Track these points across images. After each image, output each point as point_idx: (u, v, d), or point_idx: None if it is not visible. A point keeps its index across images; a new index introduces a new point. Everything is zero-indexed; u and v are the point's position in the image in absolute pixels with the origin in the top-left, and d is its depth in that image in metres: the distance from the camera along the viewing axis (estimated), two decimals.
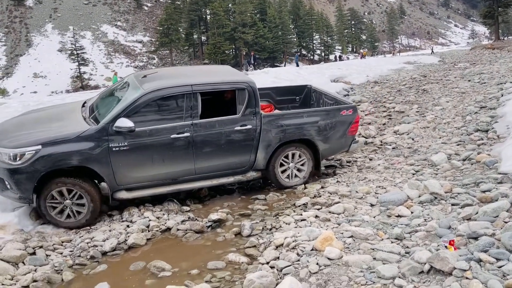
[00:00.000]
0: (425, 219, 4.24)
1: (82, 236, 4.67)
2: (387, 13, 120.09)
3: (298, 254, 3.80)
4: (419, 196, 4.87)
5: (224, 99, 6.25)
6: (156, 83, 5.26)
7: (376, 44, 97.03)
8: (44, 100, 13.74)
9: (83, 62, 61.10)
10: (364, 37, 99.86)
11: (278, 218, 4.92)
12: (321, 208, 5.03)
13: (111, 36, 73.39)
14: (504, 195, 4.25)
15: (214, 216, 4.94)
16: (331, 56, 78.45)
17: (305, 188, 5.89)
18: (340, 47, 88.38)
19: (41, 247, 4.35)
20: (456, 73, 16.90)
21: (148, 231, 4.73)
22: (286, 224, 4.65)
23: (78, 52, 61.17)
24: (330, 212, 4.82)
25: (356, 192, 5.41)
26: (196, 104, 5.29)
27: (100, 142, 4.85)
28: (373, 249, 3.70)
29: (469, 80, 13.78)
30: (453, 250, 3.30)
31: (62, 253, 4.36)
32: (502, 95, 9.57)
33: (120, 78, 7.08)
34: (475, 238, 3.45)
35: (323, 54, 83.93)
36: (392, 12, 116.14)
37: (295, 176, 6.07)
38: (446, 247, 3.39)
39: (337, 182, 6.08)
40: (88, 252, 4.33)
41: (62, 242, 4.56)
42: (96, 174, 4.94)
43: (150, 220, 4.92)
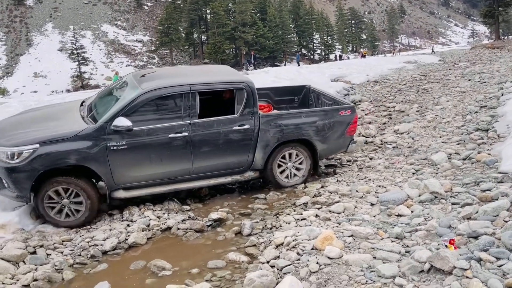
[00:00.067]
0: (425, 218, 4.24)
1: (83, 235, 4.67)
2: (387, 12, 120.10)
3: (298, 253, 3.80)
4: (419, 195, 4.87)
5: (223, 99, 6.25)
6: (154, 82, 5.25)
7: (376, 43, 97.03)
8: (44, 99, 13.74)
9: (83, 62, 61.15)
10: (364, 36, 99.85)
11: (278, 217, 4.92)
12: (321, 207, 5.03)
13: (111, 35, 73.42)
14: (504, 194, 4.25)
15: (215, 215, 4.94)
16: (331, 56, 78.50)
17: (305, 187, 5.89)
18: (340, 47, 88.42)
19: (41, 246, 4.35)
20: (456, 72, 16.88)
21: (149, 230, 4.74)
22: (286, 223, 4.65)
23: (78, 51, 61.22)
24: (330, 211, 4.82)
25: (356, 191, 5.41)
26: (194, 103, 5.28)
27: (98, 141, 4.84)
28: (373, 248, 3.71)
29: (469, 80, 13.77)
30: (453, 249, 3.30)
31: (62, 252, 4.36)
32: (503, 94, 9.56)
33: (121, 77, 7.07)
34: (475, 237, 3.45)
35: (323, 54, 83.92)
36: (392, 12, 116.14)
37: (294, 176, 6.07)
38: (446, 246, 3.40)
39: (337, 181, 6.08)
40: (89, 251, 4.33)
41: (63, 241, 4.56)
42: (94, 173, 4.93)
43: (150, 219, 4.92)
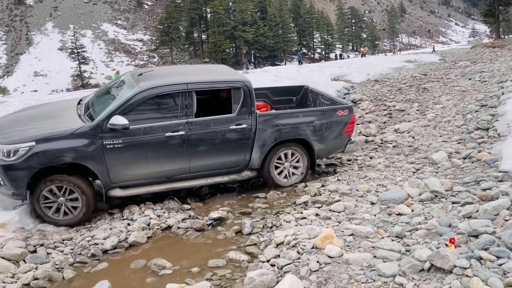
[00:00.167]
0: (425, 217, 4.24)
1: (83, 234, 4.68)
2: (388, 11, 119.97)
3: (298, 252, 3.80)
4: (420, 194, 4.87)
5: (220, 98, 6.24)
6: (151, 81, 5.25)
7: (376, 42, 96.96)
8: (44, 98, 13.76)
9: (83, 61, 61.14)
10: (364, 35, 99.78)
11: (278, 216, 4.92)
12: (321, 206, 5.03)
13: (111, 34, 73.39)
14: (505, 193, 4.25)
15: (215, 214, 4.94)
16: (332, 55, 78.49)
17: (305, 186, 5.88)
18: (340, 46, 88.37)
19: (42, 245, 4.35)
20: (456, 71, 16.87)
21: (149, 229, 4.74)
22: (287, 222, 4.65)
23: (78, 50, 61.20)
24: (330, 210, 4.82)
25: (357, 190, 5.41)
26: (192, 102, 5.27)
27: (95, 139, 4.84)
28: (373, 247, 3.71)
29: (469, 79, 13.76)
30: (453, 248, 3.30)
31: (63, 251, 4.36)
32: (503, 94, 9.56)
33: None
34: (476, 236, 3.45)
35: (323, 53, 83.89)
36: (392, 11, 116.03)
37: (293, 174, 6.06)
38: (446, 245, 3.40)
39: (337, 180, 6.08)
40: (89, 250, 4.34)
41: (63, 240, 4.56)
42: (91, 171, 4.92)
43: (150, 218, 4.92)
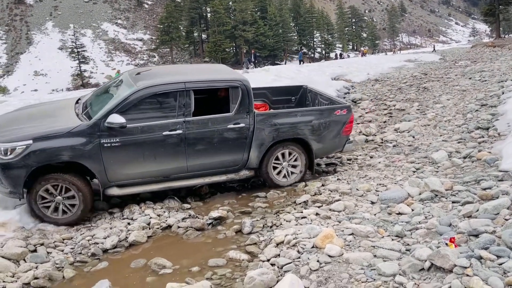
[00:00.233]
0: (425, 217, 4.24)
1: (83, 233, 4.68)
2: (388, 11, 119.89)
3: (298, 251, 3.80)
4: (420, 194, 4.87)
5: (218, 97, 6.24)
6: (149, 80, 5.25)
7: (376, 42, 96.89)
8: (44, 98, 13.75)
9: (83, 60, 61.10)
10: (364, 35, 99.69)
11: (278, 215, 4.92)
12: (321, 205, 5.03)
13: (111, 34, 73.35)
14: (505, 193, 4.25)
15: (215, 213, 4.94)
16: (332, 54, 78.46)
17: (305, 185, 5.88)
18: (340, 45, 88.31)
19: (42, 244, 4.35)
20: (457, 71, 16.87)
21: (149, 229, 4.74)
22: (287, 221, 4.65)
23: (78, 50, 61.15)
24: (330, 209, 4.82)
25: (357, 189, 5.41)
26: (189, 101, 5.27)
27: (92, 138, 4.83)
28: (373, 246, 3.71)
29: (470, 78, 13.77)
30: (453, 248, 3.30)
31: (63, 250, 4.36)
32: (503, 93, 9.56)
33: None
34: (476, 236, 3.46)
35: (323, 52, 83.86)
36: (392, 10, 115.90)
37: (292, 173, 6.05)
38: (446, 244, 3.40)
39: (337, 180, 6.08)
40: (89, 249, 4.34)
41: (63, 239, 4.56)
42: (88, 170, 4.92)
43: (151, 218, 4.92)
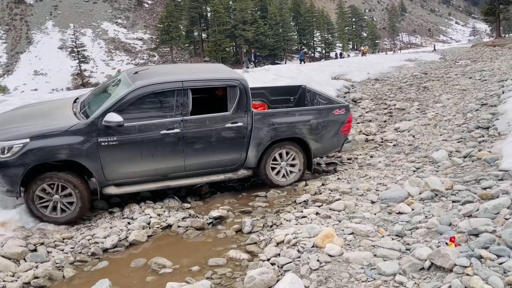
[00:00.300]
0: (425, 216, 4.24)
1: (83, 233, 4.68)
2: (388, 10, 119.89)
3: (298, 251, 3.80)
4: (420, 193, 4.87)
5: (216, 96, 6.24)
6: (146, 79, 5.26)
7: (377, 41, 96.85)
8: (44, 97, 13.75)
9: (83, 60, 61.12)
10: (365, 34, 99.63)
11: (278, 215, 4.92)
12: (321, 205, 5.02)
13: (111, 33, 73.36)
14: (505, 192, 4.25)
15: (215, 213, 4.94)
16: (332, 54, 78.43)
17: (305, 185, 5.88)
18: (340, 45, 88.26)
19: (42, 244, 4.35)
20: (457, 70, 16.87)
21: (149, 228, 4.74)
22: (287, 221, 4.64)
23: (78, 49, 61.17)
24: (330, 209, 4.82)
25: (357, 189, 5.40)
26: (187, 100, 5.26)
27: (89, 136, 4.83)
28: (373, 245, 3.71)
29: (470, 77, 13.76)
30: (453, 247, 3.30)
31: (63, 250, 4.36)
32: (503, 92, 9.55)
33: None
34: (476, 235, 3.45)
35: (323, 52, 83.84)
36: (393, 9, 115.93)
37: (291, 172, 6.05)
38: (446, 243, 3.40)
39: (337, 179, 6.07)
40: (89, 249, 4.34)
41: (63, 239, 4.56)
42: (85, 169, 4.91)
43: (151, 217, 4.92)
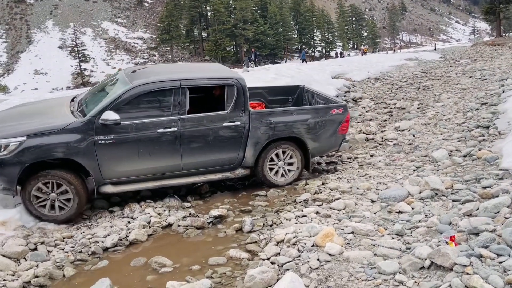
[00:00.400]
0: (426, 215, 4.24)
1: (84, 232, 4.68)
2: (388, 9, 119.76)
3: (299, 250, 3.80)
4: (420, 192, 4.87)
5: (213, 95, 6.23)
6: (144, 77, 5.26)
7: (377, 40, 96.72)
8: (44, 96, 13.74)
9: (83, 59, 61.08)
10: (365, 33, 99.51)
11: (279, 214, 4.92)
12: (322, 204, 5.03)
13: (111, 32, 73.33)
14: (505, 191, 4.25)
15: (215, 212, 4.94)
16: (332, 53, 78.39)
17: (306, 184, 5.88)
18: (341, 44, 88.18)
19: (42, 243, 4.36)
20: (457, 69, 16.86)
21: (149, 227, 4.74)
22: (287, 220, 4.65)
23: (78, 49, 61.11)
24: (331, 208, 4.82)
25: (357, 188, 5.41)
26: (184, 99, 5.26)
27: (86, 135, 4.82)
28: (373, 245, 3.71)
29: (470, 77, 13.76)
30: (453, 246, 3.30)
31: (63, 249, 4.36)
32: (504, 92, 9.56)
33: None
34: (476, 234, 3.46)
35: (324, 51, 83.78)
36: (393, 9, 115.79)
37: (289, 171, 6.03)
38: (447, 242, 3.40)
39: (338, 178, 6.08)
40: (90, 248, 4.34)
41: (64, 238, 4.56)
42: (82, 167, 4.90)
43: (151, 216, 4.92)
